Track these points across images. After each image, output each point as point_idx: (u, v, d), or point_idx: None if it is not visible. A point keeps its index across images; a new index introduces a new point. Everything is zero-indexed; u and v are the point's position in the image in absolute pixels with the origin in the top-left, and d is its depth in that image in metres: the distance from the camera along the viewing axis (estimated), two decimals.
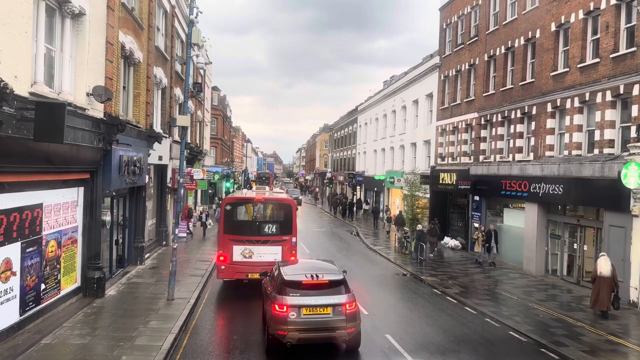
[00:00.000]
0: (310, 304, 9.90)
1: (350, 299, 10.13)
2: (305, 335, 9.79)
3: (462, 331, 12.09)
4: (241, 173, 74.79)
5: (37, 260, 10.78)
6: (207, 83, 39.98)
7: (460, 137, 25.92)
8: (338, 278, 10.49)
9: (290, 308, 9.78)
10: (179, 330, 11.11)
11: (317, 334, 9.90)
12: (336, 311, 9.91)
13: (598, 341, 11.37)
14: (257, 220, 15.97)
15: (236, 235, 15.27)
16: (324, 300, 9.97)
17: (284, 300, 9.88)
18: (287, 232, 15.56)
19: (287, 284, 10.17)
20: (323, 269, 11.09)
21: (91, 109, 12.17)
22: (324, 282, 10.27)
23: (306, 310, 9.84)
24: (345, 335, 9.93)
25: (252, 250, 15.20)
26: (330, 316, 9.89)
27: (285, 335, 9.70)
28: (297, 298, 9.93)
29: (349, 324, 9.91)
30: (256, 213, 16.14)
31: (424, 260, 20.91)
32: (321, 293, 10.10)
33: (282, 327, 9.72)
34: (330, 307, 9.92)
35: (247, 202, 16.16)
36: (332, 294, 10.11)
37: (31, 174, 10.18)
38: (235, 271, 15.11)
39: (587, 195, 16.35)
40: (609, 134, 15.81)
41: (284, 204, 16.18)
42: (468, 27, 25.64)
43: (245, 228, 15.62)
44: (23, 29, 9.14)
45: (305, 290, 10.10)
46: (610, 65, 15.75)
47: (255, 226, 15.79)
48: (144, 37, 17.23)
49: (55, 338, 10.10)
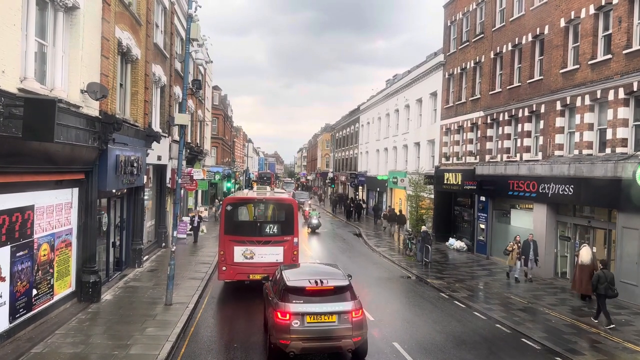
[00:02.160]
0: (315, 311, 9.34)
1: (357, 306, 9.57)
2: (309, 344, 9.28)
3: (472, 338, 11.59)
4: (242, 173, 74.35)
5: (29, 265, 10.30)
6: (207, 82, 39.52)
7: (466, 137, 25.42)
8: (344, 284, 9.91)
9: (293, 316, 9.23)
10: (177, 338, 10.63)
11: (322, 343, 9.37)
12: (342, 319, 9.36)
13: (615, 349, 10.87)
14: (258, 221, 15.64)
15: (237, 236, 15.07)
16: (329, 308, 9.41)
17: (286, 307, 9.35)
18: (288, 232, 15.35)
19: (289, 290, 9.62)
20: (328, 273, 10.54)
21: (86, 106, 11.69)
22: (329, 288, 9.69)
23: (310, 318, 9.29)
24: (352, 344, 9.38)
25: (254, 251, 14.99)
26: (336, 324, 9.33)
27: (288, 344, 9.17)
28: (300, 305, 9.36)
29: (355, 333, 9.35)
30: (257, 213, 15.82)
31: (429, 263, 20.41)
32: (326, 300, 9.52)
33: (284, 336, 9.20)
34: (336, 314, 9.37)
35: (248, 203, 15.88)
36: (337, 300, 9.55)
37: (21, 175, 9.69)
38: (237, 272, 14.89)
39: (599, 196, 15.84)
40: (621, 132, 15.29)
41: (285, 204, 15.92)
42: (473, 24, 25.12)
43: (246, 228, 15.37)
44: (11, 22, 8.65)
45: (309, 297, 9.52)
46: (622, 62, 15.23)
47: (257, 227, 15.48)
48: (142, 34, 16.76)
49: (46, 347, 9.62)
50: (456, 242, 25.27)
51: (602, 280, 12.50)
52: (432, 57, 32.33)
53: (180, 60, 24.01)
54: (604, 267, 13.09)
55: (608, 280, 12.50)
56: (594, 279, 12.81)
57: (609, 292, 12.46)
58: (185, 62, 14.71)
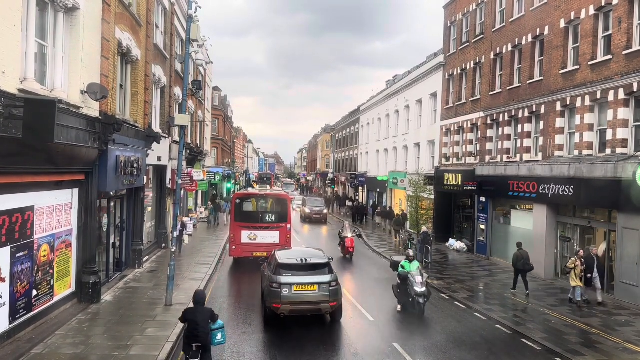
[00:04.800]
0: (300, 282, 11.62)
1: (334, 279, 11.88)
2: (295, 307, 11.51)
3: (472, 339, 11.58)
4: (242, 174, 74.32)
5: (28, 266, 10.29)
6: (207, 83, 39.53)
7: (466, 137, 25.42)
8: (323, 262, 12.34)
9: (283, 285, 11.49)
10: (177, 339, 10.59)
11: (305, 306, 11.64)
12: (321, 288, 11.64)
13: (615, 350, 10.86)
14: (260, 211, 19.74)
15: (244, 223, 19.23)
16: (311, 280, 11.70)
17: (278, 279, 11.60)
18: (283, 220, 19.45)
19: (281, 266, 11.96)
20: (312, 255, 12.90)
21: (86, 107, 11.69)
22: (311, 265, 12.08)
23: (296, 287, 11.60)
24: (329, 308, 11.70)
25: (256, 234, 19.08)
26: (317, 292, 11.64)
27: (279, 307, 11.44)
28: (289, 277, 11.67)
29: (331, 299, 11.63)
30: (259, 205, 19.92)
31: (429, 263, 20.39)
32: (309, 274, 11.86)
33: (276, 301, 11.45)
34: (317, 285, 11.65)
35: (252, 197, 20.28)
36: (318, 274, 11.86)
37: (21, 175, 9.69)
38: (243, 250, 19.07)
39: (599, 197, 15.83)
40: (621, 133, 15.28)
41: (281, 199, 20.18)
42: (473, 24, 25.13)
43: (251, 217, 19.53)
44: (11, 22, 8.65)
45: (296, 272, 11.87)
46: (622, 62, 15.24)
47: (259, 215, 19.62)
48: (142, 34, 16.76)
49: (46, 347, 9.61)
50: (456, 243, 25.26)
51: (520, 258, 16.06)
52: (432, 58, 32.33)
53: (181, 61, 23.95)
54: (520, 248, 16.44)
55: (524, 258, 16.02)
56: (513, 259, 16.30)
57: (526, 267, 15.99)
58: (186, 63, 14.71)
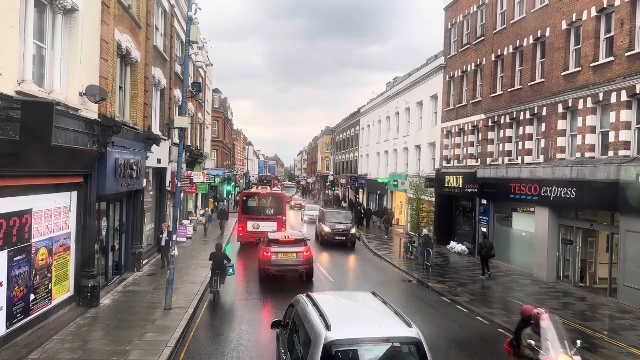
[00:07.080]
0: (283, 251, 17.11)
1: (307, 249, 17.45)
2: (280, 268, 17.02)
3: (477, 345, 11.45)
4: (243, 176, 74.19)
5: (26, 270, 10.18)
6: (207, 85, 39.45)
7: (467, 140, 25.31)
8: (300, 238, 18.02)
9: (272, 254, 17.00)
10: (176, 343, 10.50)
11: (287, 267, 17.05)
12: (298, 255, 17.09)
13: (619, 354, 10.73)
14: (262, 206, 25.48)
15: (249, 215, 25.09)
16: (291, 249, 17.21)
17: (269, 249, 17.21)
18: (280, 213, 25.26)
19: (271, 241, 17.66)
20: (293, 234, 18.89)
21: (85, 109, 11.59)
22: (292, 240, 17.76)
23: (281, 255, 17.04)
24: (304, 269, 17.21)
25: (259, 224, 24.65)
26: (295, 258, 17.06)
27: (269, 269, 17.01)
28: (276, 248, 17.21)
29: (305, 262, 17.10)
30: (261, 202, 25.67)
31: (431, 266, 20.27)
32: (290, 246, 17.40)
33: (268, 264, 17.02)
34: (295, 253, 17.13)
35: (256, 195, 26.40)
36: (296, 246, 17.41)
37: (19, 178, 9.59)
38: (249, 237, 24.54)
39: (602, 199, 15.70)
40: (624, 135, 15.18)
41: (278, 197, 26.30)
42: (474, 26, 25.05)
43: (255, 211, 25.29)
44: (9, 24, 8.56)
45: (281, 244, 17.43)
46: (625, 64, 15.14)
47: (261, 209, 25.33)
48: (141, 37, 16.67)
49: (44, 353, 9.49)
50: (457, 246, 25.13)
51: (484, 246, 19.10)
52: (432, 60, 32.26)
53: (180, 63, 23.94)
54: (485, 238, 19.67)
55: (487, 247, 19.01)
56: (479, 247, 18.79)
57: (489, 253, 18.91)
58: (186, 65, 14.62)
